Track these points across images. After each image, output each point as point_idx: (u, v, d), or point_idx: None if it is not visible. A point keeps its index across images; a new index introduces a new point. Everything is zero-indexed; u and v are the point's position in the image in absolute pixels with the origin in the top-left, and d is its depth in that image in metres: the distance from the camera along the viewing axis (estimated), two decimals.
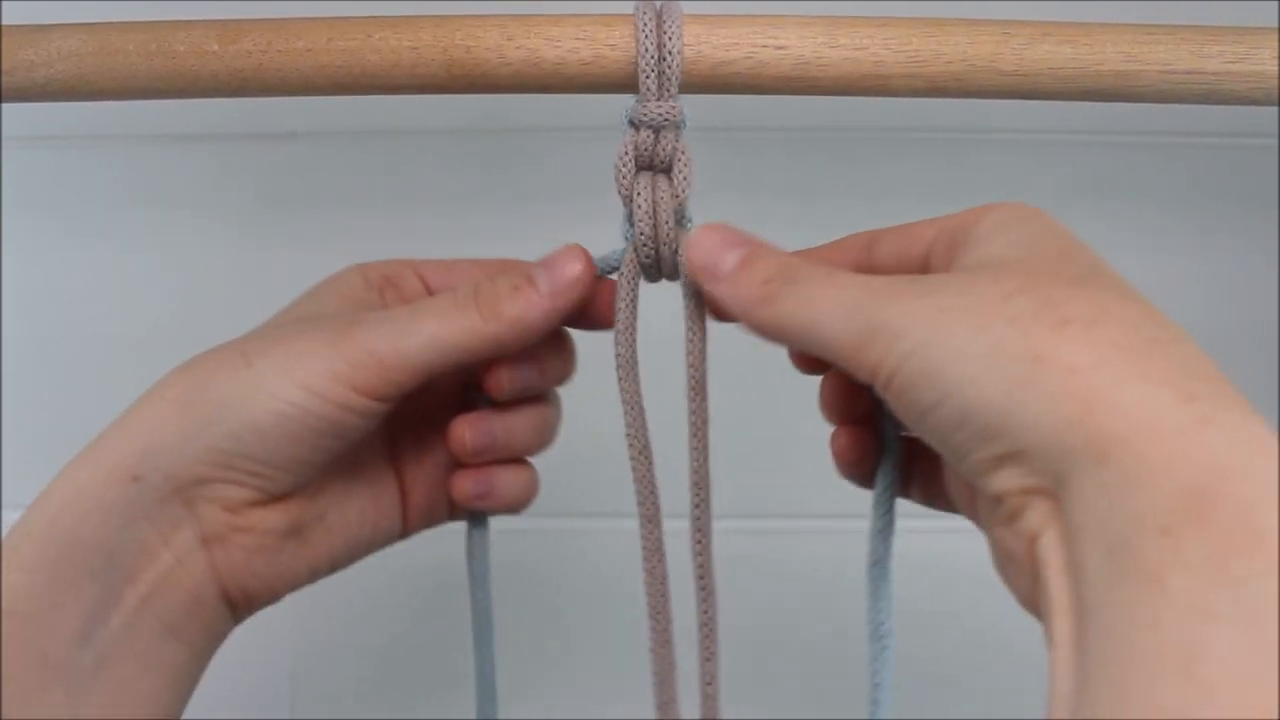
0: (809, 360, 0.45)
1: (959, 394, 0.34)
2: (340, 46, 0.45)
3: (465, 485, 0.49)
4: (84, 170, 0.71)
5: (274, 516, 0.45)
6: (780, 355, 0.46)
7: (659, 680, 0.46)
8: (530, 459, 0.51)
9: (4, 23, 0.47)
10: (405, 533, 0.50)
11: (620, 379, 0.46)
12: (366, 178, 0.72)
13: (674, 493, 0.47)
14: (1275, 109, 0.46)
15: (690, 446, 0.46)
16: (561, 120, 0.69)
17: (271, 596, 0.46)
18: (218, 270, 0.72)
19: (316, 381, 0.42)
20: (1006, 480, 0.34)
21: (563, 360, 0.49)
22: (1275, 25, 0.46)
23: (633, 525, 0.46)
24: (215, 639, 0.45)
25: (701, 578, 0.46)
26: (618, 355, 0.46)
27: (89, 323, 0.72)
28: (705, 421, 0.46)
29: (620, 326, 0.46)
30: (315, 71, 0.46)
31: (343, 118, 0.69)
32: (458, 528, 0.51)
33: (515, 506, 0.50)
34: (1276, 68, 0.45)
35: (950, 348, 0.34)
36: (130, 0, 0.51)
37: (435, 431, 0.49)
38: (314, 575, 0.47)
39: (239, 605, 0.45)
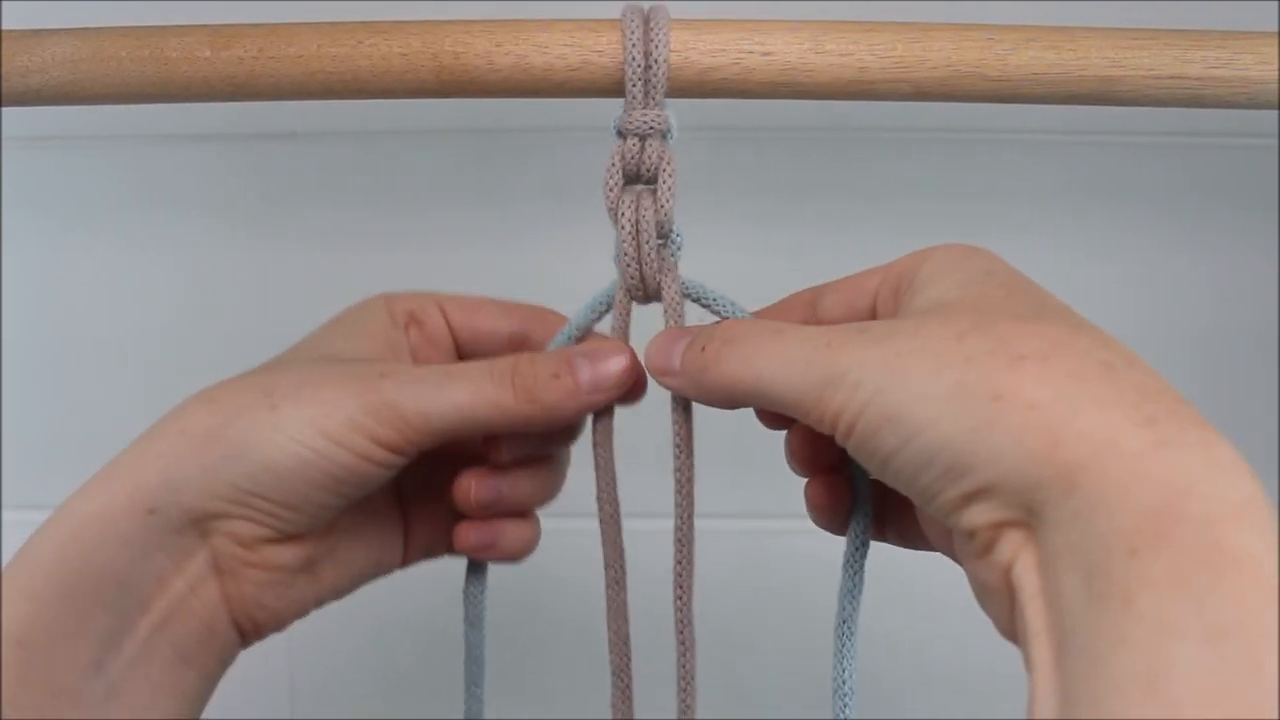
0: (774, 416, 0.45)
1: (921, 436, 0.35)
2: (331, 53, 0.46)
3: (469, 537, 0.49)
4: (84, 170, 0.71)
5: (287, 554, 0.45)
6: None
7: (617, 699, 0.47)
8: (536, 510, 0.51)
9: None
10: (404, 564, 0.51)
11: (595, 444, 0.47)
12: (366, 178, 0.72)
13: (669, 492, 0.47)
14: (1274, 110, 0.46)
15: (675, 504, 0.46)
16: (560, 121, 0.69)
17: (279, 626, 0.46)
18: (218, 270, 0.72)
19: (339, 431, 0.42)
20: (976, 516, 0.34)
21: (570, 429, 0.49)
22: (1258, 30, 0.46)
23: (630, 525, 0.47)
24: (223, 664, 0.45)
25: (681, 632, 0.47)
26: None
27: (89, 323, 0.73)
28: (690, 479, 0.46)
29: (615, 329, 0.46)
30: (306, 77, 0.46)
31: (343, 118, 0.69)
32: None
33: (516, 558, 0.50)
34: (1259, 72, 0.45)
35: (910, 391, 0.35)
36: (124, 2, 0.51)
37: (442, 474, 0.49)
38: (319, 605, 0.48)
39: (248, 633, 0.46)
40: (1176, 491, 0.30)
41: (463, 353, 0.50)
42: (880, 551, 0.47)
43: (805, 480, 0.46)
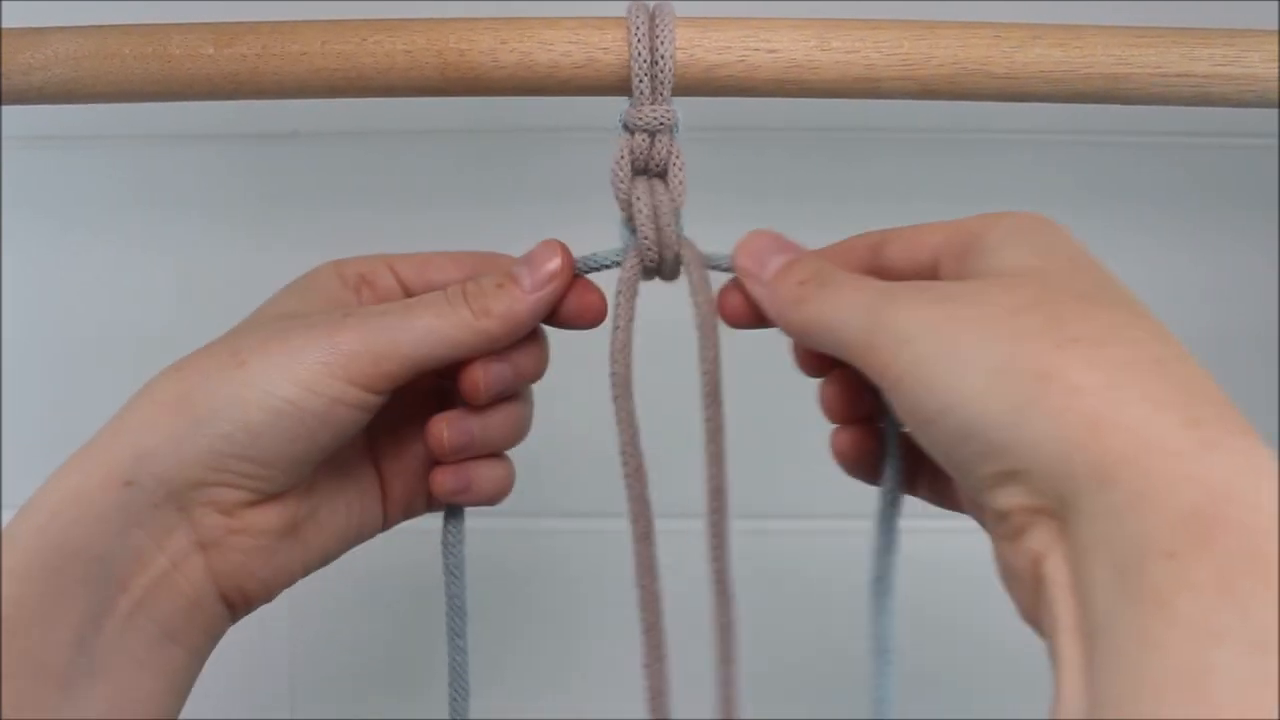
0: (813, 363, 0.45)
1: (963, 409, 0.34)
2: (335, 50, 0.46)
3: (445, 481, 0.49)
4: (84, 170, 0.71)
5: (270, 517, 0.44)
6: (781, 355, 0.46)
7: (653, 695, 0.46)
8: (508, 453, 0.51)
9: (2, 26, 0.47)
10: (386, 525, 0.51)
11: (615, 396, 0.46)
12: (366, 178, 0.72)
13: (678, 492, 0.47)
14: (1275, 110, 0.46)
15: (706, 452, 0.46)
16: (562, 121, 0.69)
17: (268, 595, 0.46)
18: (218, 270, 0.72)
19: (311, 376, 0.42)
20: (1010, 498, 0.34)
21: (535, 359, 0.49)
22: (1266, 28, 0.46)
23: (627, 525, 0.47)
24: (213, 638, 0.45)
25: (719, 583, 0.46)
26: (613, 372, 0.46)
27: (89, 323, 0.73)
28: (720, 429, 0.46)
29: (618, 333, 0.46)
30: (310, 75, 0.46)
31: (343, 118, 0.69)
32: (485, 526, 0.51)
33: (492, 500, 0.50)
34: (1267, 70, 0.45)
35: (957, 359, 0.35)
36: (127, 2, 0.51)
37: (412, 427, 0.49)
38: (307, 571, 0.47)
39: (237, 605, 0.45)
40: (1219, 497, 0.30)
41: None
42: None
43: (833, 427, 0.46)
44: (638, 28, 0.44)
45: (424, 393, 0.50)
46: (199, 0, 0.53)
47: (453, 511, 0.51)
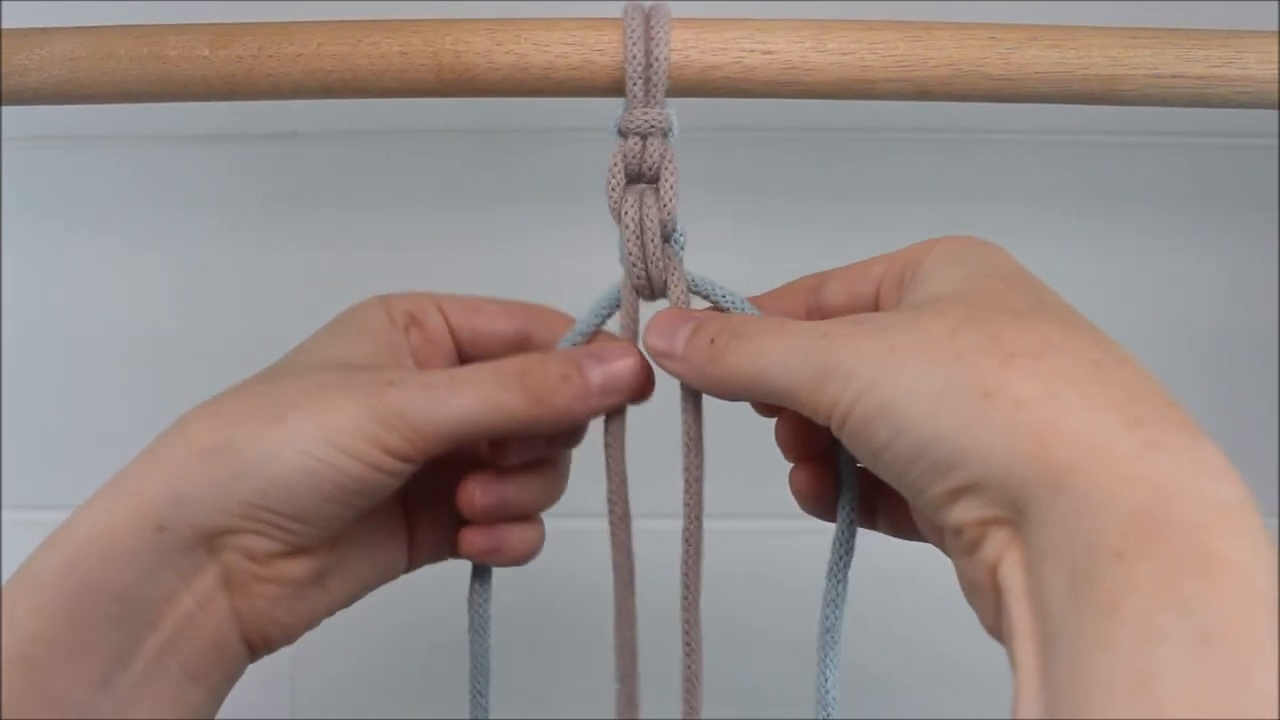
0: (767, 404, 0.45)
1: (912, 430, 0.35)
2: (331, 51, 0.46)
3: (475, 541, 0.48)
4: (84, 170, 0.71)
5: (298, 567, 0.44)
6: None
7: (622, 701, 0.47)
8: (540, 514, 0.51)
9: None
10: (409, 569, 0.50)
11: (608, 436, 0.46)
12: (366, 178, 0.72)
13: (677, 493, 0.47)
14: (1275, 110, 0.46)
15: (685, 504, 0.46)
16: (562, 121, 0.69)
17: (288, 639, 0.46)
18: (218, 270, 0.72)
19: (348, 442, 0.41)
20: (964, 512, 0.35)
21: (575, 431, 0.49)
22: (1261, 29, 0.46)
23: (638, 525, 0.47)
24: (231, 680, 0.45)
25: (688, 633, 0.47)
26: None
27: (89, 323, 0.73)
28: (699, 479, 0.46)
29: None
30: (305, 76, 0.46)
31: (343, 118, 0.69)
32: None
33: (521, 561, 0.50)
34: (1262, 71, 0.45)
35: (902, 386, 0.35)
36: (124, 3, 0.51)
37: (445, 477, 0.49)
38: (328, 614, 0.47)
39: (257, 647, 0.45)
40: (1163, 495, 0.30)
41: (463, 353, 0.50)
42: (872, 544, 0.47)
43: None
44: (633, 29, 0.44)
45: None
46: (195, 1, 0.53)
47: (480, 570, 0.51)
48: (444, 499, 0.49)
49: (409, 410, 0.42)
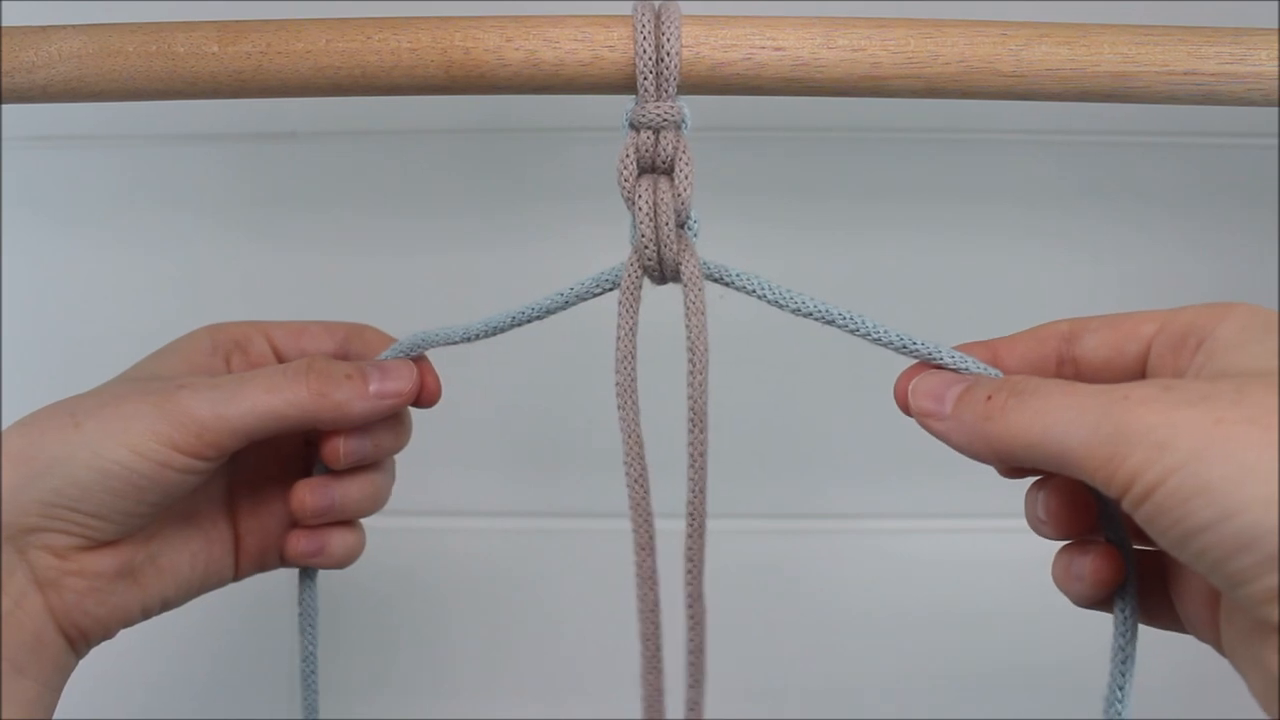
0: (1062, 523, 0.43)
1: (1243, 515, 0.32)
2: (339, 48, 0.45)
3: (300, 544, 0.52)
4: (84, 170, 0.71)
5: (103, 560, 0.47)
6: (785, 353, 0.46)
7: (648, 703, 0.47)
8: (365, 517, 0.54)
9: (4, 24, 0.47)
10: (237, 576, 0.53)
11: (620, 405, 0.46)
12: (366, 178, 0.72)
13: (675, 490, 0.47)
14: (1275, 109, 0.46)
15: (688, 477, 0.46)
16: (564, 121, 0.69)
17: (106, 634, 0.48)
18: (218, 270, 0.72)
19: (139, 441, 0.45)
20: None
21: (396, 435, 0.52)
22: (1273, 26, 0.46)
23: (625, 525, 0.47)
24: (62, 672, 0.47)
25: (691, 606, 0.46)
26: (618, 381, 0.46)
27: (89, 323, 0.72)
28: (704, 453, 0.46)
29: (621, 338, 0.46)
30: (314, 73, 0.46)
31: (343, 118, 0.69)
32: (486, 526, 0.51)
33: (342, 564, 0.53)
34: (1273, 68, 0.45)
35: (1236, 463, 0.32)
36: (131, 1, 0.51)
37: (273, 485, 0.53)
38: (147, 613, 0.50)
39: (76, 641, 0.47)
40: None
41: None
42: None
43: (1060, 546, 0.44)
44: (644, 25, 0.44)
45: (289, 455, 0.54)
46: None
47: (307, 573, 0.54)
48: (271, 509, 0.53)
49: (197, 408, 0.46)
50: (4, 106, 0.48)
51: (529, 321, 0.48)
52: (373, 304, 0.71)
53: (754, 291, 0.46)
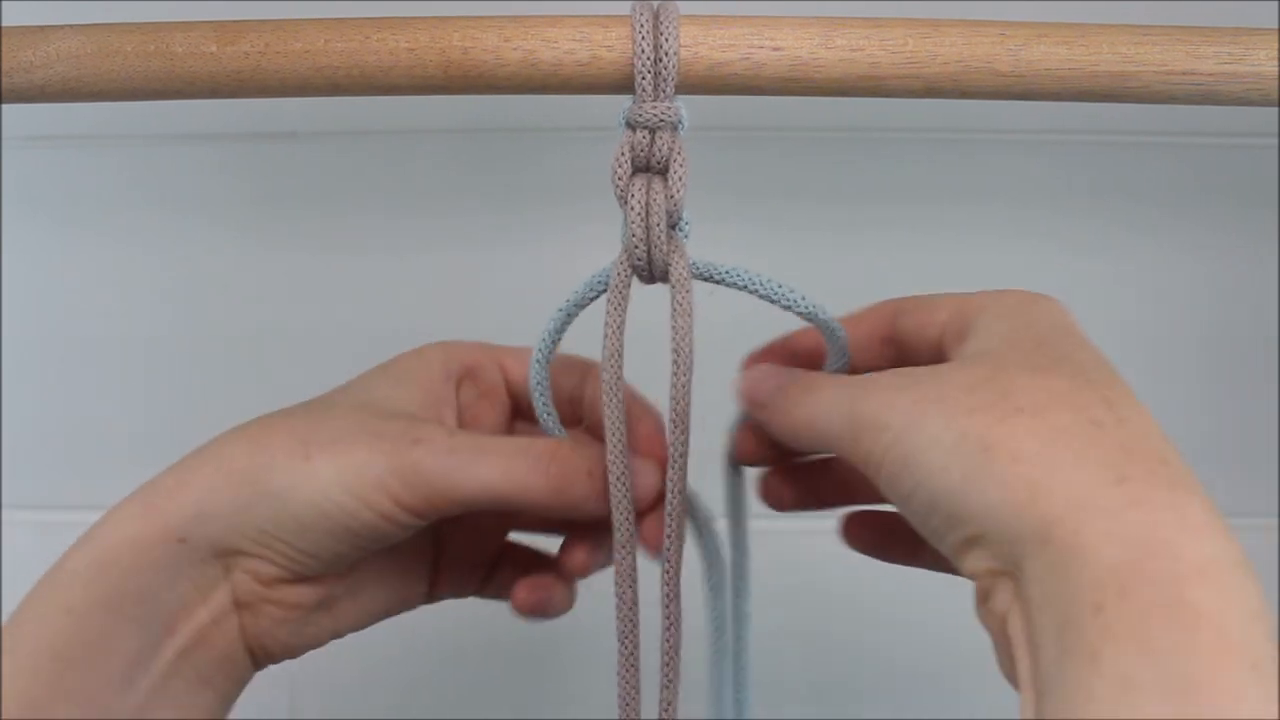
0: (750, 452, 0.49)
1: (929, 482, 0.36)
2: (338, 48, 0.45)
3: (527, 597, 0.51)
4: (84, 170, 0.71)
5: (303, 593, 0.46)
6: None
7: (624, 701, 0.47)
8: None
9: (3, 24, 0.47)
10: (428, 600, 0.52)
11: (605, 403, 0.46)
12: (366, 178, 0.72)
13: None
14: (1274, 109, 0.46)
15: (668, 480, 0.46)
16: (563, 121, 0.69)
17: (290, 655, 0.48)
18: (217, 270, 0.72)
19: (366, 491, 0.43)
20: (975, 563, 0.36)
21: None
22: (1272, 26, 0.46)
23: None
24: (240, 686, 0.47)
25: (668, 605, 0.47)
26: (604, 379, 0.46)
27: (89, 323, 0.73)
28: (685, 454, 0.46)
29: (609, 336, 0.46)
30: (313, 73, 0.46)
31: (343, 118, 0.69)
32: None
33: (552, 616, 0.52)
34: (1272, 68, 0.45)
35: (925, 437, 0.36)
36: (129, 1, 0.51)
37: (484, 517, 0.50)
38: (335, 637, 0.49)
39: (261, 660, 0.47)
40: (1142, 550, 0.31)
41: (519, 407, 0.52)
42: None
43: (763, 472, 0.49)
44: (642, 25, 0.44)
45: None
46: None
47: None
48: (478, 542, 0.52)
49: (430, 470, 0.44)
50: (3, 106, 0.48)
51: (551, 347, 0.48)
52: (373, 304, 0.72)
53: (744, 286, 0.46)
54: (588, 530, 0.50)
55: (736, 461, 0.50)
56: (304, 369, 0.50)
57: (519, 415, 0.52)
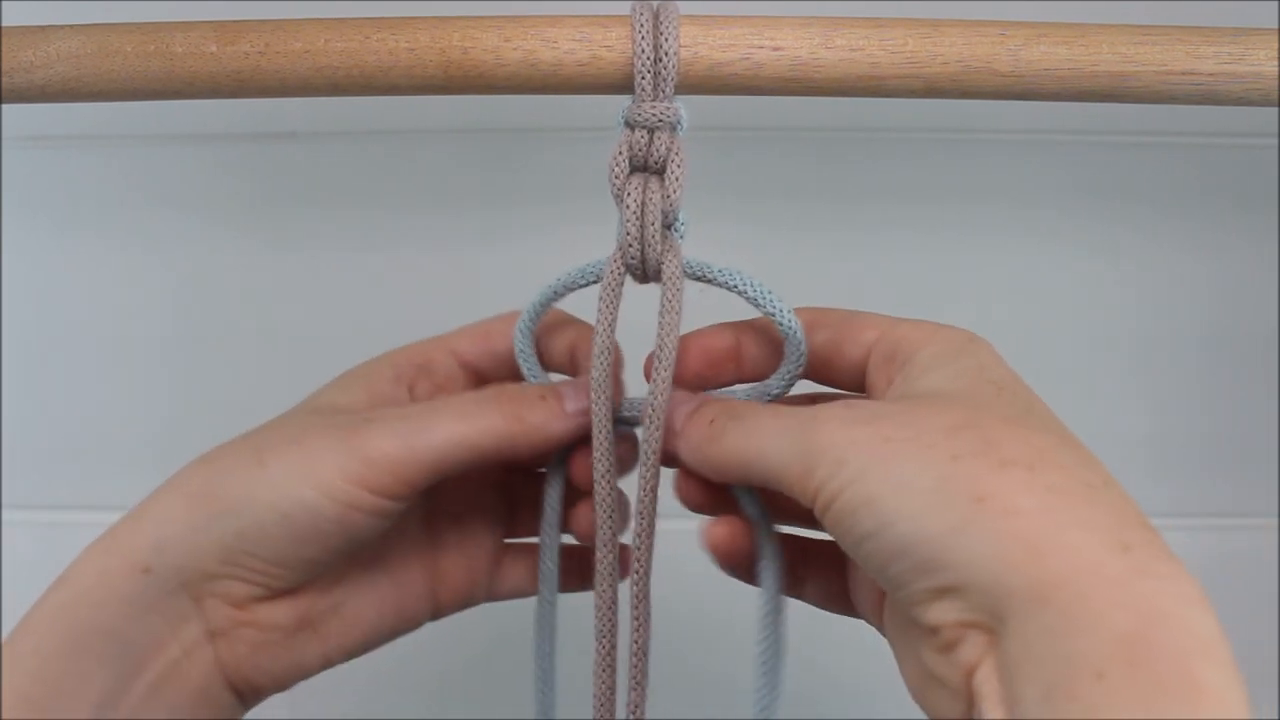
0: (697, 496, 0.46)
1: (899, 526, 0.35)
2: (338, 48, 0.45)
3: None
4: (84, 170, 0.71)
5: (279, 612, 0.45)
6: None
7: (599, 701, 0.47)
8: None
9: (3, 24, 0.47)
10: (436, 616, 0.51)
11: (594, 398, 0.46)
12: (366, 178, 0.72)
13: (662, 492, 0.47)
14: (1274, 109, 0.46)
15: (639, 475, 0.46)
16: (563, 120, 0.69)
17: (279, 687, 0.46)
18: (218, 270, 0.72)
19: (328, 481, 0.42)
20: (944, 613, 0.35)
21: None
22: (1272, 26, 0.46)
23: None
24: None
25: (636, 606, 0.47)
26: (593, 376, 0.46)
27: (89, 323, 0.73)
28: (658, 451, 0.46)
29: (599, 332, 0.46)
30: (313, 73, 0.46)
31: (343, 118, 0.69)
32: None
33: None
34: (1272, 68, 0.45)
35: (894, 479, 0.35)
36: (129, 1, 0.51)
37: (479, 515, 0.50)
38: (327, 664, 0.47)
39: (246, 696, 0.45)
40: (1151, 622, 0.31)
41: (480, 383, 0.50)
42: None
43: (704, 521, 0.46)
44: (642, 25, 0.44)
45: (494, 483, 0.51)
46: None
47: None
48: (478, 541, 0.51)
49: (386, 443, 0.43)
50: (3, 106, 0.48)
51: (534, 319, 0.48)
52: (373, 303, 0.72)
53: (733, 287, 0.46)
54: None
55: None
56: (304, 369, 0.50)
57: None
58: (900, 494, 0.35)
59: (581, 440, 0.46)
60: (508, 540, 0.52)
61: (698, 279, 0.46)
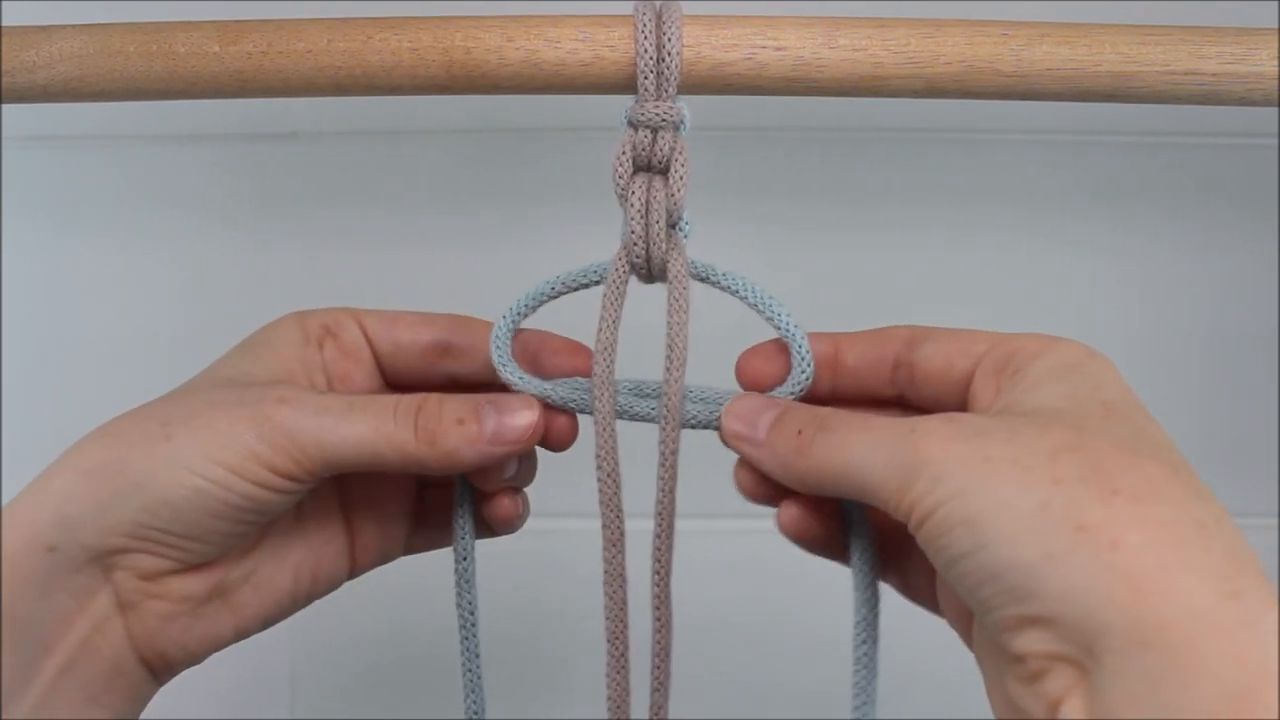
0: (762, 489, 0.44)
1: (995, 548, 0.34)
2: (341, 48, 0.45)
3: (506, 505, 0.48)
4: (84, 170, 0.71)
5: (192, 584, 0.44)
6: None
7: (613, 703, 0.46)
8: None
9: (5, 24, 0.47)
10: (352, 575, 0.49)
11: (595, 396, 0.45)
12: (366, 178, 0.72)
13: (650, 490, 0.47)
14: (1275, 109, 0.46)
15: (658, 476, 0.46)
16: (563, 121, 0.69)
17: (192, 660, 0.45)
18: (217, 270, 0.72)
19: (234, 460, 0.41)
20: (1032, 642, 0.34)
21: (526, 471, 0.49)
22: (1273, 26, 0.46)
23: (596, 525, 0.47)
24: (138, 703, 0.44)
25: (658, 608, 0.46)
26: (596, 373, 0.45)
27: (89, 323, 0.73)
28: (675, 451, 0.45)
29: (603, 330, 0.46)
30: (315, 73, 0.46)
31: (343, 118, 0.69)
32: None
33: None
34: (1273, 68, 0.45)
35: (993, 500, 0.34)
36: (131, 1, 0.51)
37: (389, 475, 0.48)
38: (240, 635, 0.46)
39: (158, 669, 0.44)
40: (1261, 675, 0.30)
41: (383, 366, 0.49)
42: None
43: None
44: (644, 25, 0.44)
45: None
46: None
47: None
48: (390, 495, 0.49)
49: (297, 431, 0.42)
50: (4, 106, 0.48)
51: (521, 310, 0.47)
52: (374, 303, 0.71)
53: (735, 291, 0.46)
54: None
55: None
56: None
57: (385, 371, 0.49)
58: (999, 516, 0.34)
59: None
60: (424, 490, 0.51)
61: (700, 280, 0.46)
